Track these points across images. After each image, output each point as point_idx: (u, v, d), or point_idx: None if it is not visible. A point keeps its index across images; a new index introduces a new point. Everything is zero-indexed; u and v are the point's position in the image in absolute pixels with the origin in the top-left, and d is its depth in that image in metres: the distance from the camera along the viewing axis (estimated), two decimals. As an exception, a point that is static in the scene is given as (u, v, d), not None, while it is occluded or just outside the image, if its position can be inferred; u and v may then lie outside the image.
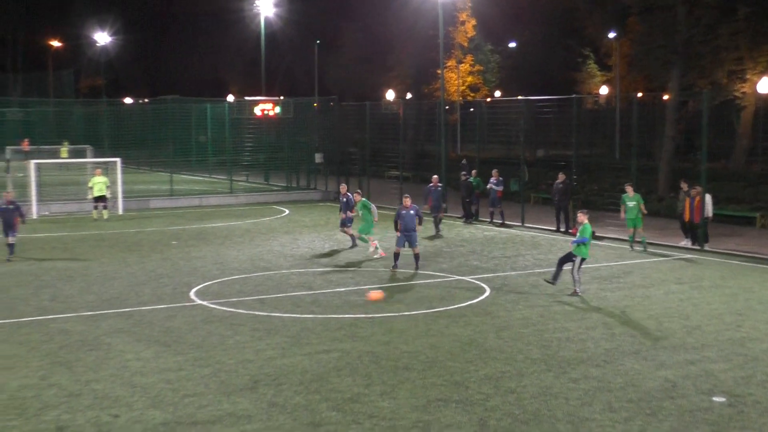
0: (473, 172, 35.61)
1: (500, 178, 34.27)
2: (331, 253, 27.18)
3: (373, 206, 27.71)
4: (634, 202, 27.55)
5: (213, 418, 12.24)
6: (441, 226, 31.99)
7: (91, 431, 11.77)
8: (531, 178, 42.98)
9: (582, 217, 20.62)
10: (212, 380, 13.94)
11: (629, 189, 27.93)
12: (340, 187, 29.78)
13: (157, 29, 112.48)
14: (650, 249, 27.84)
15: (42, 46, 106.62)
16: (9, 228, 25.29)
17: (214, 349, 15.79)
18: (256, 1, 66.04)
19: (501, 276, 23.27)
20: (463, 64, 64.19)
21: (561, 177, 32.21)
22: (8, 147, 51.60)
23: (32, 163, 37.95)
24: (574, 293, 20.45)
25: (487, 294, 20.82)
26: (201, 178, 55.29)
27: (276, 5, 69.52)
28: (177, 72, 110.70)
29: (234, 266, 24.65)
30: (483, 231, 32.76)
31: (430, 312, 18.88)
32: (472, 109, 62.17)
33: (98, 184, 35.53)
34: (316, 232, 32.22)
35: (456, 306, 19.51)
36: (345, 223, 28.30)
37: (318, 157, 49.31)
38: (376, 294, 19.62)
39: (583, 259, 20.66)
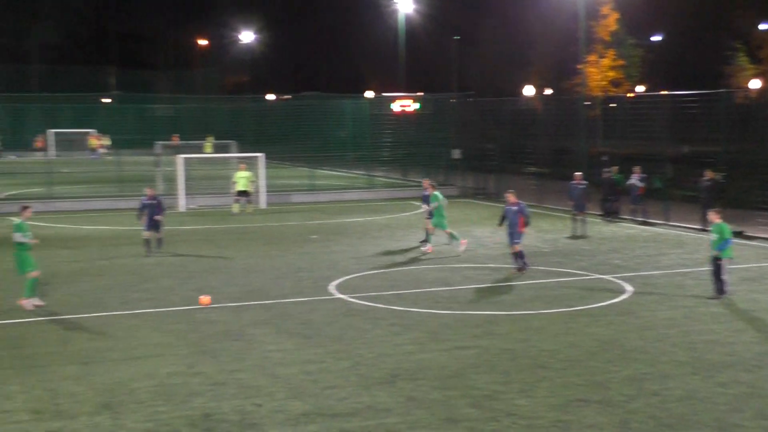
0: (614, 168, 34.79)
1: (642, 175, 33.36)
2: (468, 249, 27.05)
3: (442, 198, 26.78)
4: None
5: (352, 411, 12.38)
6: (585, 225, 30.57)
7: (235, 419, 12.10)
8: (675, 175, 41.68)
9: (714, 217, 19.49)
10: (351, 373, 14.10)
11: None
12: (423, 181, 28.58)
13: (298, 27, 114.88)
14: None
15: (189, 45, 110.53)
16: (154, 222, 25.65)
17: (353, 342, 15.98)
18: (395, -2, 66.49)
19: (643, 275, 22.66)
20: (604, 59, 62.79)
21: (708, 174, 31.10)
22: (158, 142, 53.60)
23: (180, 157, 39.30)
24: (714, 298, 19.39)
25: (628, 293, 20.33)
26: (340, 174, 56.07)
27: (415, 1, 69.78)
28: (318, 68, 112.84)
29: (373, 261, 24.87)
30: (624, 229, 31.99)
31: (569, 311, 18.57)
32: (613, 105, 60.77)
33: (242, 179, 36.37)
34: (454, 228, 32.06)
35: (596, 305, 19.12)
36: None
37: (455, 153, 49.23)
38: (204, 299, 19.19)
39: (729, 260, 19.76)
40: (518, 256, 23.03)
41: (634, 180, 33.21)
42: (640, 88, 69.68)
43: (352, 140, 56.37)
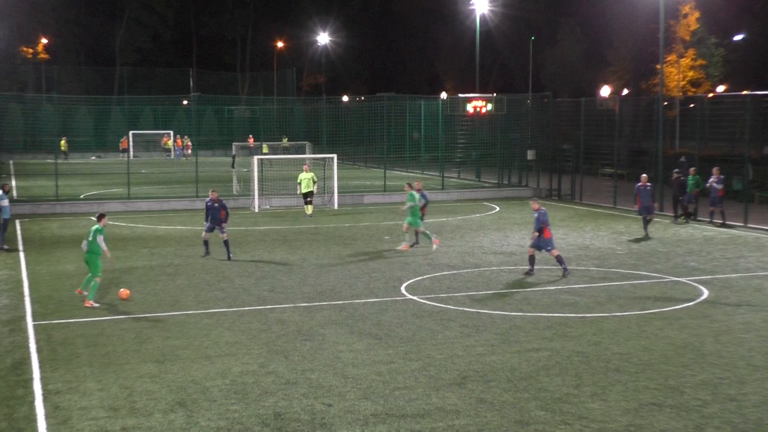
0: (692, 169, 34.15)
1: (721, 177, 32.65)
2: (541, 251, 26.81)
3: (418, 198, 26.62)
4: None
5: (422, 412, 12.39)
6: (650, 228, 30.30)
7: (306, 419, 12.21)
8: (756, 177, 40.73)
9: None
10: (422, 374, 14.11)
11: None
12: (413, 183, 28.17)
13: (375, 28, 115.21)
14: None
15: (268, 47, 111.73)
16: (216, 224, 25.46)
17: (424, 343, 15.98)
18: (471, -1, 66.24)
19: (721, 278, 22.19)
20: (684, 59, 61.62)
21: None
22: (234, 143, 54.40)
23: (255, 158, 39.78)
24: None
25: (705, 296, 19.93)
26: (414, 174, 56.11)
27: (491, 2, 69.45)
28: (394, 69, 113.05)
29: (444, 262, 24.84)
30: (702, 231, 31.36)
31: (643, 313, 18.29)
32: (692, 105, 59.62)
33: (305, 180, 35.72)
34: (527, 230, 31.90)
35: (671, 308, 18.79)
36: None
37: (530, 154, 48.86)
38: (124, 293, 19.84)
39: None
40: (558, 261, 22.70)
41: (713, 181, 32.52)
42: (721, 89, 68.19)
43: (426, 141, 56.32)
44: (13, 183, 49.03)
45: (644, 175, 30.94)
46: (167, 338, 16.48)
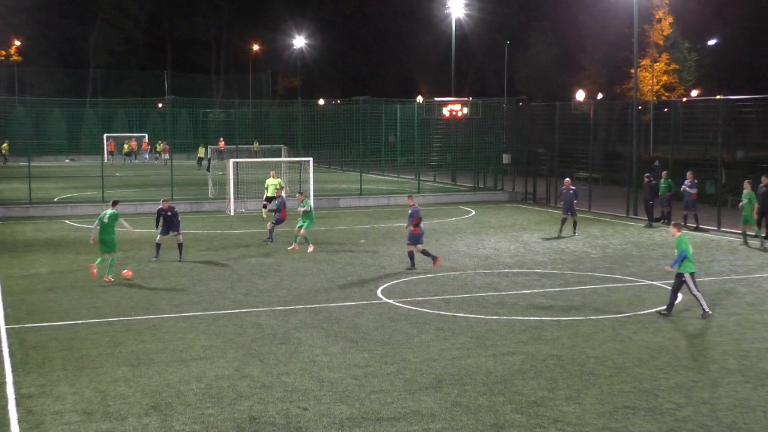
0: (664, 173, 34.41)
1: (695, 181, 32.91)
2: (516, 254, 26.96)
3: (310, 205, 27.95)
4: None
5: (398, 415, 12.40)
6: (577, 230, 31.74)
7: (282, 422, 12.18)
8: (729, 181, 41.09)
9: (674, 231, 18.51)
10: (397, 378, 14.12)
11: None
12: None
13: (350, 31, 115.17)
14: None
15: (242, 50, 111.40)
16: (172, 229, 25.45)
17: (400, 347, 15.99)
18: (447, 2, 66.49)
19: (695, 282, 22.33)
20: (658, 63, 62.14)
21: (765, 180, 30.57)
22: (210, 146, 54.25)
23: (231, 162, 39.66)
24: (705, 314, 18.16)
25: (679, 300, 20.04)
26: (389, 178, 56.19)
27: (467, 6, 69.68)
28: (369, 73, 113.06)
29: (420, 265, 24.84)
30: (676, 235, 31.54)
31: (618, 317, 18.40)
32: (666, 109, 60.09)
33: (271, 186, 35.84)
34: (502, 233, 32.07)
35: (645, 311, 18.92)
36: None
37: (506, 158, 49.07)
38: (127, 273, 22.70)
39: (692, 274, 18.14)
40: (424, 254, 24.13)
41: (686, 185, 32.77)
42: (694, 93, 68.80)
43: (401, 145, 56.42)
44: (-15, 186, 48.57)
45: (567, 179, 32.91)
46: (142, 342, 16.39)
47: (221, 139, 66.09)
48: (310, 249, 27.62)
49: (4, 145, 68.83)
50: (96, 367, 14.80)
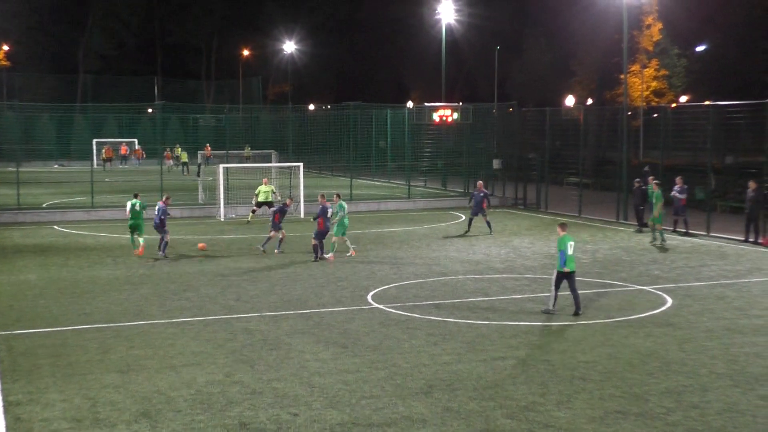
0: (650, 178, 34.48)
1: (684, 186, 32.97)
2: (507, 260, 26.99)
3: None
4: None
5: (388, 421, 12.38)
6: (492, 230, 33.34)
7: (272, 428, 12.15)
8: (718, 186, 41.22)
9: (559, 230, 19.41)
10: (388, 383, 14.11)
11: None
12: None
13: (341, 36, 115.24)
14: None
15: (233, 55, 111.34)
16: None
17: (391, 352, 15.98)
18: (437, 8, 66.58)
19: (684, 287, 22.42)
20: (647, 69, 62.29)
21: (752, 185, 30.71)
22: (200, 152, 54.14)
23: (221, 167, 39.61)
24: (546, 310, 19.04)
25: (669, 305, 20.13)
26: (380, 183, 56.18)
27: (457, 11, 69.79)
28: (360, 78, 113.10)
29: (410, 271, 24.88)
30: (666, 240, 31.62)
31: (608, 322, 18.43)
32: (656, 115, 60.24)
33: (263, 193, 36.56)
34: (493, 239, 32.09)
35: (636, 316, 18.95)
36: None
37: (496, 163, 49.10)
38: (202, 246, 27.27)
39: (564, 273, 18.73)
40: (314, 249, 26.64)
41: (676, 191, 32.84)
42: (684, 99, 69.02)
43: (392, 150, 56.42)
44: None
45: (480, 182, 34.72)
46: (131, 348, 16.34)
47: (207, 145, 66.01)
48: (351, 253, 27.70)
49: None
50: (85, 373, 14.74)
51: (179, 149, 73.12)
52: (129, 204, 28.03)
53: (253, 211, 37.22)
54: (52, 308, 20.01)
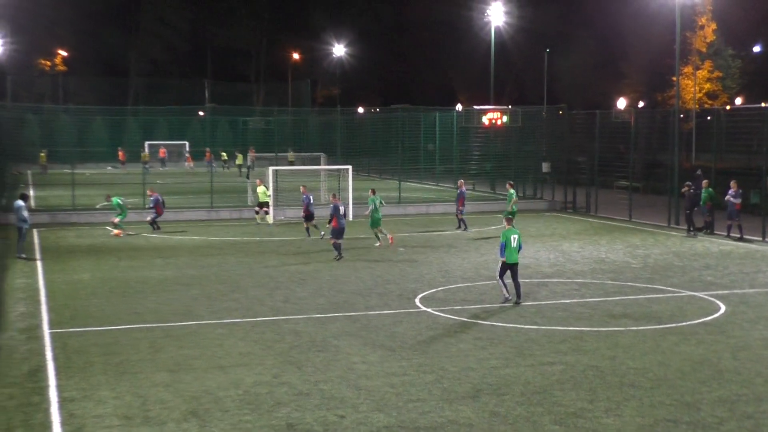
0: (704, 182, 34.00)
1: (739, 190, 32.43)
2: (556, 264, 26.79)
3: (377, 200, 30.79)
4: None
5: (435, 425, 12.36)
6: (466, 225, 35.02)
7: (319, 430, 12.19)
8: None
9: (505, 223, 20.91)
10: (435, 387, 14.08)
11: None
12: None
13: (388, 39, 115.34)
14: None
15: (282, 58, 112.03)
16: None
17: (438, 355, 15.95)
18: (487, 10, 66.39)
19: (738, 293, 22.06)
20: (700, 71, 61.51)
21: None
22: (249, 154, 54.57)
23: (270, 169, 39.87)
24: (505, 300, 20.37)
25: (722, 311, 19.82)
26: (428, 186, 56.10)
27: (506, 14, 69.54)
28: (407, 81, 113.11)
29: (458, 274, 24.82)
30: (719, 245, 31.18)
31: (659, 328, 18.20)
32: (709, 118, 59.44)
33: (261, 194, 37.78)
34: (541, 242, 31.88)
35: (687, 323, 18.69)
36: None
37: (545, 167, 48.77)
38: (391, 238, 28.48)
39: (508, 264, 20.29)
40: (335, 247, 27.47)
41: (730, 195, 32.31)
42: (738, 101, 68.02)
43: (440, 153, 56.33)
44: (31, 193, 49.23)
45: (461, 180, 36.66)
46: (181, 348, 16.52)
47: (251, 147, 66.52)
48: (378, 244, 30.31)
49: (42, 154, 69.59)
50: (136, 372, 14.93)
51: (224, 154, 74.02)
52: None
53: (257, 212, 38.29)
54: (104, 307, 20.30)
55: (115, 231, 33.57)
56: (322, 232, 31.46)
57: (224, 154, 72.48)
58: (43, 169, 68.21)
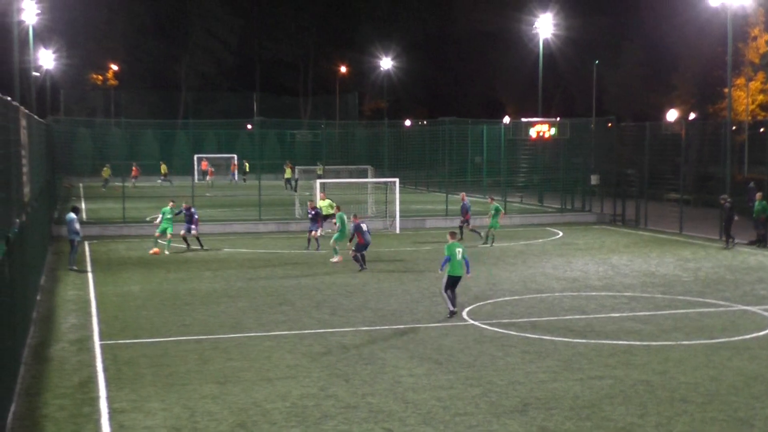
0: (758, 195, 33.47)
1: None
2: (605, 277, 26.54)
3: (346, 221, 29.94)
4: None
5: (482, 439, 12.29)
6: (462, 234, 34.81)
7: (366, 442, 12.19)
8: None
9: (449, 237, 21.49)
10: (482, 400, 14.02)
11: None
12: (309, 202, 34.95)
13: (436, 52, 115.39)
14: None
15: (329, 71, 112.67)
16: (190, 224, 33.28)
17: (485, 369, 15.88)
18: (535, 22, 66.15)
19: (792, 308, 21.68)
20: (753, 82, 60.62)
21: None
22: (297, 167, 54.86)
23: (317, 182, 40.06)
24: (451, 313, 20.33)
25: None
26: (476, 199, 55.94)
27: (555, 25, 69.25)
28: (455, 93, 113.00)
29: (506, 287, 24.70)
30: (772, 259, 30.68)
31: (710, 342, 17.94)
32: (762, 130, 58.57)
33: (324, 207, 35.93)
34: (590, 256, 31.62)
35: (740, 337, 18.40)
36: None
37: (594, 179, 48.39)
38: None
39: (450, 278, 20.50)
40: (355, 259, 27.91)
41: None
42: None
43: (488, 165, 56.18)
44: (83, 206, 50.05)
45: (463, 192, 37.38)
46: (229, 360, 16.63)
47: (288, 162, 66.75)
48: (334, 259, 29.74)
49: (105, 169, 70.49)
50: (185, 383, 15.06)
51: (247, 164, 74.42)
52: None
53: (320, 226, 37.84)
54: (153, 319, 20.52)
55: (154, 249, 32.65)
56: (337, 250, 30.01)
57: (288, 170, 72.50)
58: (105, 183, 69.07)
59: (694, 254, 31.91)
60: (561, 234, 39.06)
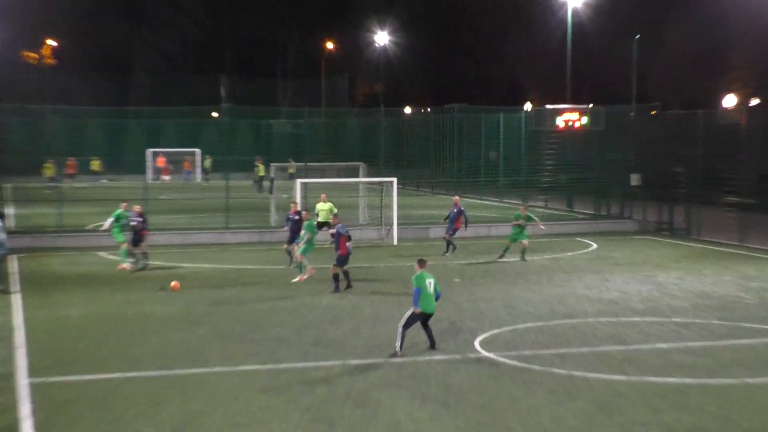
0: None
1: None
2: (649, 299, 26.41)
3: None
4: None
5: (499, 500, 12.07)
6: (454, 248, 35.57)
7: (355, 505, 11.95)
8: None
9: (417, 267, 20.56)
10: (499, 452, 13.82)
11: None
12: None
13: (443, 27, 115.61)
14: None
15: (314, 50, 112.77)
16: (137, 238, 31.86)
17: (503, 412, 15.75)
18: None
19: None
20: (826, 61, 60.75)
21: None
22: (272, 164, 54.62)
23: (298, 182, 39.88)
24: (394, 354, 19.70)
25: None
26: (490, 203, 55.89)
27: (585, -6, 69.41)
28: (466, 76, 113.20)
29: (528, 311, 24.59)
30: None
31: (780, 380, 17.82)
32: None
33: (323, 211, 36.17)
34: (631, 272, 31.51)
35: (816, 374, 18.26)
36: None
37: (635, 179, 48.32)
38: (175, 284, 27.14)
39: (416, 315, 19.96)
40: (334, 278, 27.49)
41: None
42: None
43: (505, 162, 56.12)
44: (11, 211, 49.80)
45: (456, 197, 38.34)
46: (187, 401, 16.46)
47: (258, 157, 66.76)
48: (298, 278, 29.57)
49: (48, 166, 70.22)
50: (133, 431, 14.80)
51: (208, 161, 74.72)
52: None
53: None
54: (95, 351, 20.30)
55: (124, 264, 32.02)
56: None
57: (261, 167, 72.53)
58: (52, 182, 68.75)
59: (759, 271, 31.86)
60: (595, 246, 38.99)
